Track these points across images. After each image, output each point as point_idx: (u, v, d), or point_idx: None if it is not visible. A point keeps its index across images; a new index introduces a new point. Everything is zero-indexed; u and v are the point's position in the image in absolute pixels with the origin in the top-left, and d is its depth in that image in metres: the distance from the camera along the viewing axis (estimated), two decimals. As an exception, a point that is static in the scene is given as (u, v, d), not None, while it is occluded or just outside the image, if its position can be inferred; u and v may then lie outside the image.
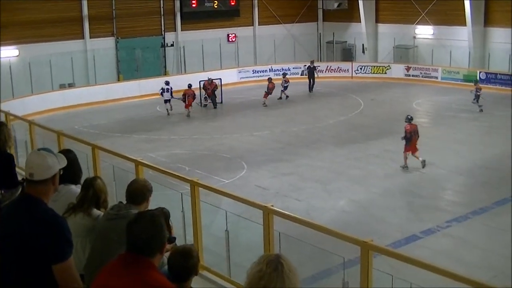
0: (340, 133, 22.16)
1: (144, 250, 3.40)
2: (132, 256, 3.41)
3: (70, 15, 29.27)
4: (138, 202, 4.98)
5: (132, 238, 3.45)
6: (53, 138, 10.81)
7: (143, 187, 5.09)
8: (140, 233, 3.42)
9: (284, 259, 2.88)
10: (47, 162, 3.92)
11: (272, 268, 2.81)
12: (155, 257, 3.46)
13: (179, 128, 23.50)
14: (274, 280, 2.79)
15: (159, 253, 3.49)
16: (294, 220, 6.03)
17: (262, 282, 2.80)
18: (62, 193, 5.45)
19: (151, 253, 3.43)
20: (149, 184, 5.20)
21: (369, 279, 5.11)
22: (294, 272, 2.86)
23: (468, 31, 30.77)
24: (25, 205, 3.86)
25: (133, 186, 5.09)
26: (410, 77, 32.74)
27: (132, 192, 5.03)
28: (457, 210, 14.17)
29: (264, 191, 15.65)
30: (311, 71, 30.94)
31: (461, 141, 20.50)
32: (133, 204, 4.95)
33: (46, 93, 27.50)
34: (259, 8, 35.93)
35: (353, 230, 11.73)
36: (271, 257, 2.88)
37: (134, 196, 5.01)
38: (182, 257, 4.16)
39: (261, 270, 2.82)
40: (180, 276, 4.13)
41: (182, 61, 33.18)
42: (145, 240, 3.41)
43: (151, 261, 3.43)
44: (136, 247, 3.41)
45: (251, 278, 2.84)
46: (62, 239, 3.79)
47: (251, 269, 2.87)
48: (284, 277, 2.80)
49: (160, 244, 3.49)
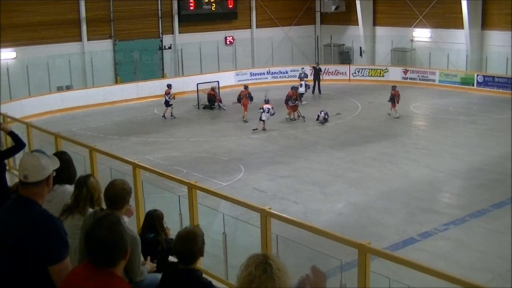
0: (338, 135, 22.17)
1: (104, 261, 3.26)
2: (93, 268, 3.27)
3: (68, 17, 29.24)
4: (119, 207, 4.81)
5: (90, 248, 3.28)
6: (50, 140, 10.81)
7: (122, 190, 4.89)
8: (99, 243, 3.24)
9: (272, 259, 2.89)
10: (40, 164, 3.92)
11: (261, 271, 2.83)
12: (118, 265, 3.32)
13: (177, 130, 23.49)
14: (265, 282, 2.81)
15: (122, 259, 3.33)
16: (291, 222, 6.03)
17: (253, 285, 2.82)
18: (57, 192, 5.45)
19: (113, 262, 3.29)
20: (128, 186, 5.01)
21: (367, 282, 5.11)
22: (283, 270, 2.87)
23: (465, 34, 30.82)
24: (20, 207, 3.86)
25: (111, 192, 4.89)
26: (408, 80, 32.74)
27: (112, 198, 4.85)
28: (454, 212, 14.18)
29: (261, 193, 15.64)
30: (317, 73, 31.11)
31: (458, 144, 20.53)
32: (113, 210, 4.77)
33: (44, 95, 27.47)
34: (256, 11, 35.96)
35: (350, 232, 11.75)
36: (259, 259, 2.89)
37: (114, 201, 4.83)
38: (187, 242, 4.17)
39: (250, 274, 2.84)
40: (187, 259, 4.15)
41: (180, 63, 33.17)
42: (106, 251, 3.24)
43: (113, 271, 3.29)
44: (96, 259, 3.27)
45: (242, 282, 2.86)
46: (58, 240, 3.78)
47: (241, 272, 2.89)
48: (274, 278, 2.82)
49: (122, 251, 3.30)
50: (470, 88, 30.21)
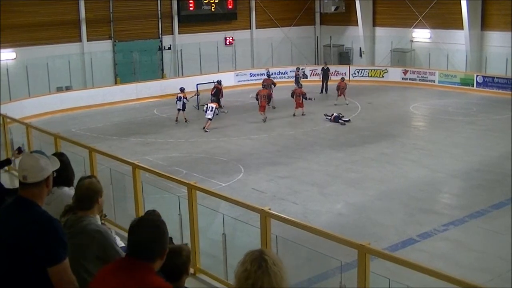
0: (337, 136, 22.18)
1: (144, 254, 3.38)
2: (133, 260, 3.39)
3: (68, 18, 29.25)
4: (88, 207, 4.66)
5: (133, 242, 3.42)
6: (50, 141, 10.82)
7: (88, 190, 4.70)
8: (141, 237, 3.40)
9: (267, 254, 2.90)
10: (40, 164, 3.92)
11: (256, 266, 2.84)
12: (155, 262, 3.44)
13: (176, 131, 23.49)
14: (261, 277, 2.82)
15: (159, 258, 3.46)
16: (291, 223, 6.04)
17: (249, 281, 2.83)
18: (56, 195, 5.43)
19: (152, 258, 3.41)
20: (96, 185, 4.78)
21: (366, 282, 5.12)
22: (279, 265, 2.88)
23: (465, 34, 30.83)
24: (20, 208, 3.86)
25: (78, 192, 4.74)
26: (407, 81, 32.78)
27: (79, 198, 4.70)
28: (454, 213, 14.18)
29: (261, 194, 15.64)
30: (325, 73, 31.33)
31: (458, 144, 20.54)
32: (84, 211, 4.63)
33: (44, 96, 27.49)
34: (256, 11, 35.97)
35: (350, 233, 11.75)
36: (254, 255, 2.90)
37: (82, 201, 4.67)
38: (171, 255, 4.16)
39: (246, 270, 2.85)
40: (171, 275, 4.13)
41: (180, 64, 33.19)
42: (146, 245, 3.38)
43: (151, 266, 3.41)
44: (137, 251, 3.39)
45: (238, 278, 2.88)
46: (57, 242, 3.78)
47: (237, 268, 2.90)
48: (269, 273, 2.83)
49: (161, 249, 3.46)
50: (470, 88, 30.23)
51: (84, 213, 4.63)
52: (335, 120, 23.92)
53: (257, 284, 2.80)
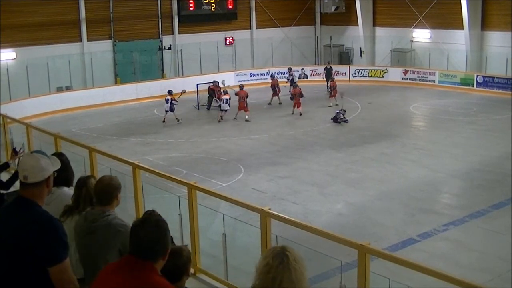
0: (337, 136, 22.19)
1: (147, 253, 3.40)
2: (136, 260, 3.40)
3: (68, 18, 29.26)
4: (107, 202, 4.77)
5: (136, 241, 3.44)
6: (50, 141, 10.81)
7: (109, 186, 4.83)
8: (144, 237, 3.41)
9: (289, 251, 3.01)
10: (40, 165, 3.93)
11: (278, 261, 2.94)
12: (158, 262, 3.45)
13: (176, 131, 23.49)
14: (281, 272, 2.92)
15: (162, 258, 3.47)
16: (291, 223, 6.04)
17: (270, 275, 2.93)
18: (55, 195, 5.44)
19: (155, 257, 3.42)
20: (116, 181, 4.93)
21: (366, 282, 5.12)
22: (300, 262, 3.00)
23: (465, 34, 30.83)
24: (20, 208, 3.87)
25: (98, 186, 4.86)
26: (408, 81, 32.78)
27: (99, 193, 4.81)
28: (454, 213, 14.18)
29: (261, 194, 15.65)
30: (328, 73, 31.42)
31: (458, 144, 20.54)
32: (102, 205, 4.75)
33: (44, 96, 27.49)
34: (256, 11, 35.97)
35: (350, 233, 11.76)
36: (276, 250, 3.01)
37: (102, 196, 4.80)
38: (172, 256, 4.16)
39: (267, 264, 2.96)
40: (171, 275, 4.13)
41: (180, 64, 33.18)
42: (149, 244, 3.40)
43: (154, 266, 3.42)
44: (140, 251, 3.40)
45: (260, 272, 2.98)
46: (57, 241, 3.79)
47: (259, 263, 3.00)
48: (290, 268, 2.93)
49: (164, 249, 3.48)
50: (470, 88, 30.22)
51: (103, 208, 4.70)
52: (335, 120, 23.91)
53: (277, 278, 2.90)
